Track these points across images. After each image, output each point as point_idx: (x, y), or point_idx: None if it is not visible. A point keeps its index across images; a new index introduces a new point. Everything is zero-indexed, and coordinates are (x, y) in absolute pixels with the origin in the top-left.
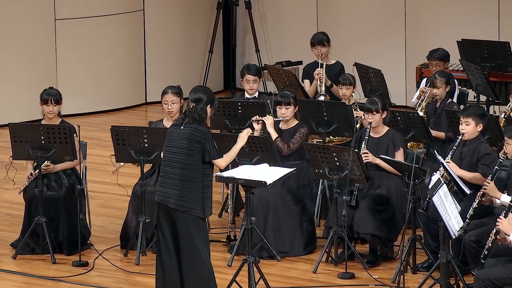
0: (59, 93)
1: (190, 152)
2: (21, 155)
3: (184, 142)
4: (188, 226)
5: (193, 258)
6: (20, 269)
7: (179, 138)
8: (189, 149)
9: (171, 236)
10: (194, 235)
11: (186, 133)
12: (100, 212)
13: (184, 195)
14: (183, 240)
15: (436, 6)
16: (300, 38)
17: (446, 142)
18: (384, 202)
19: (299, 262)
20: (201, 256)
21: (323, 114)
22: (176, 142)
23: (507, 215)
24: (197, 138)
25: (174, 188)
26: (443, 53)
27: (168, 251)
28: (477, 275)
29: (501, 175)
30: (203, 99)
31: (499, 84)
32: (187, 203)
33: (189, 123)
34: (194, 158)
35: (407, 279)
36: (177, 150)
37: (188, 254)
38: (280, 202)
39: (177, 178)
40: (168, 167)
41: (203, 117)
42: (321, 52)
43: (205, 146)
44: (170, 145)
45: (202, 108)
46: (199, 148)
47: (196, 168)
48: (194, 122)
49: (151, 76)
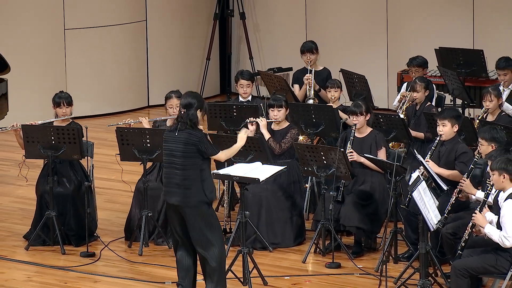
0: (69, 96)
1: (187, 155)
2: (33, 154)
3: (180, 146)
4: (195, 219)
5: (206, 248)
6: (32, 259)
7: (175, 142)
8: (186, 152)
9: (181, 230)
10: (203, 227)
11: (181, 138)
12: (106, 206)
13: (187, 193)
14: (194, 234)
15: (416, 16)
16: (291, 46)
17: (425, 142)
18: (368, 197)
19: (290, 252)
20: (213, 244)
21: (311, 116)
22: (173, 146)
23: (481, 210)
24: (192, 141)
25: (178, 187)
26: (421, 60)
27: (182, 242)
28: (454, 265)
29: (475, 173)
30: (193, 104)
31: (474, 89)
32: (191, 198)
33: (181, 129)
34: (193, 159)
35: (389, 268)
36: (176, 153)
37: (200, 246)
38: (272, 198)
39: (179, 178)
40: (170, 168)
41: (195, 122)
42: (310, 59)
43: (201, 148)
44: (170, 148)
45: (193, 113)
46: (194, 150)
47: (195, 167)
48: (187, 128)
49: (153, 81)
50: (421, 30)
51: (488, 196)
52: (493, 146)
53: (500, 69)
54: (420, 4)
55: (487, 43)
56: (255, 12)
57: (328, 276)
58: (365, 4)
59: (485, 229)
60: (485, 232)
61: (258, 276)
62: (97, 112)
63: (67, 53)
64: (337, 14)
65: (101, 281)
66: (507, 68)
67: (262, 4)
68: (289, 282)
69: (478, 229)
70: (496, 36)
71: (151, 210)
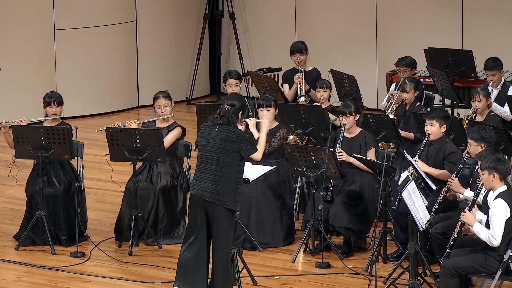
0: (60, 96)
1: (226, 151)
2: (23, 155)
3: (219, 142)
4: (221, 218)
5: (223, 246)
6: (22, 260)
7: (213, 138)
8: (225, 148)
9: (202, 225)
10: (225, 227)
11: (221, 134)
12: (96, 207)
13: (219, 189)
14: (216, 231)
15: (405, 17)
16: (280, 46)
17: (414, 142)
18: (357, 197)
19: (279, 252)
20: (229, 245)
21: (301, 116)
22: (210, 141)
23: (471, 209)
24: (233, 138)
25: (210, 183)
26: (410, 61)
27: (197, 237)
28: (443, 264)
29: (464, 173)
30: (237, 105)
31: (463, 89)
32: (222, 197)
33: (222, 125)
34: (229, 157)
35: (379, 268)
36: (213, 149)
37: (219, 243)
38: (262, 198)
39: (213, 174)
40: (204, 163)
41: (235, 120)
42: (300, 59)
43: (241, 145)
44: (205, 144)
45: (235, 112)
46: (235, 148)
47: (231, 165)
48: (226, 124)
49: (143, 82)
50: (411, 31)
51: (477, 196)
52: (482, 146)
53: (488, 70)
54: (410, 5)
55: (476, 43)
56: (244, 12)
57: (317, 276)
58: (354, 5)
59: (473, 227)
60: (473, 231)
61: (248, 276)
62: (87, 112)
63: (57, 53)
64: (327, 14)
65: (91, 281)
66: (495, 68)
67: (251, 4)
68: (278, 282)
69: (467, 228)
70: (485, 37)
71: (141, 210)
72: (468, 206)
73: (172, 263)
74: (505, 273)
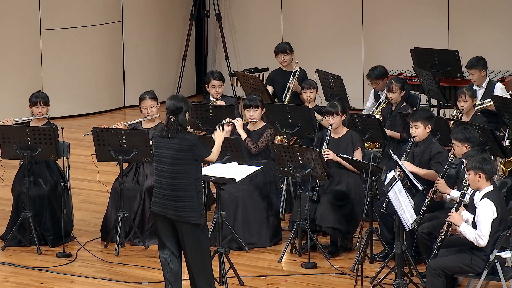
0: (46, 96)
1: (180, 162)
2: (9, 155)
3: (173, 152)
4: (188, 233)
5: (200, 260)
6: (8, 260)
7: (168, 148)
8: (179, 158)
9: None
10: (197, 241)
11: (175, 144)
12: (82, 207)
13: (180, 205)
14: (188, 247)
15: (391, 17)
16: (266, 47)
17: (400, 142)
18: (343, 197)
19: (266, 252)
20: (206, 256)
21: (287, 116)
22: (165, 152)
23: (458, 209)
24: (187, 147)
25: (170, 199)
26: (379, 72)
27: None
28: (429, 264)
29: (450, 173)
30: (182, 109)
31: (449, 89)
32: (185, 213)
33: (173, 136)
34: (184, 166)
35: (365, 268)
36: (168, 160)
37: (192, 262)
38: (248, 198)
39: (170, 189)
40: (160, 177)
41: (185, 126)
42: (285, 59)
43: (195, 152)
44: (161, 155)
45: (182, 118)
46: (189, 156)
47: (187, 175)
48: (179, 133)
49: (129, 82)
50: (397, 31)
51: (464, 196)
52: (467, 146)
53: (468, 68)
54: (396, 5)
55: (462, 43)
56: (231, 12)
57: (304, 276)
58: (340, 5)
59: (460, 228)
60: (460, 231)
61: (234, 276)
62: (73, 113)
63: (43, 53)
64: (313, 14)
65: (77, 281)
66: (474, 67)
67: (238, 4)
68: (265, 282)
69: (454, 228)
70: (471, 37)
71: (127, 210)
72: (455, 206)
73: (158, 264)
74: (491, 273)
